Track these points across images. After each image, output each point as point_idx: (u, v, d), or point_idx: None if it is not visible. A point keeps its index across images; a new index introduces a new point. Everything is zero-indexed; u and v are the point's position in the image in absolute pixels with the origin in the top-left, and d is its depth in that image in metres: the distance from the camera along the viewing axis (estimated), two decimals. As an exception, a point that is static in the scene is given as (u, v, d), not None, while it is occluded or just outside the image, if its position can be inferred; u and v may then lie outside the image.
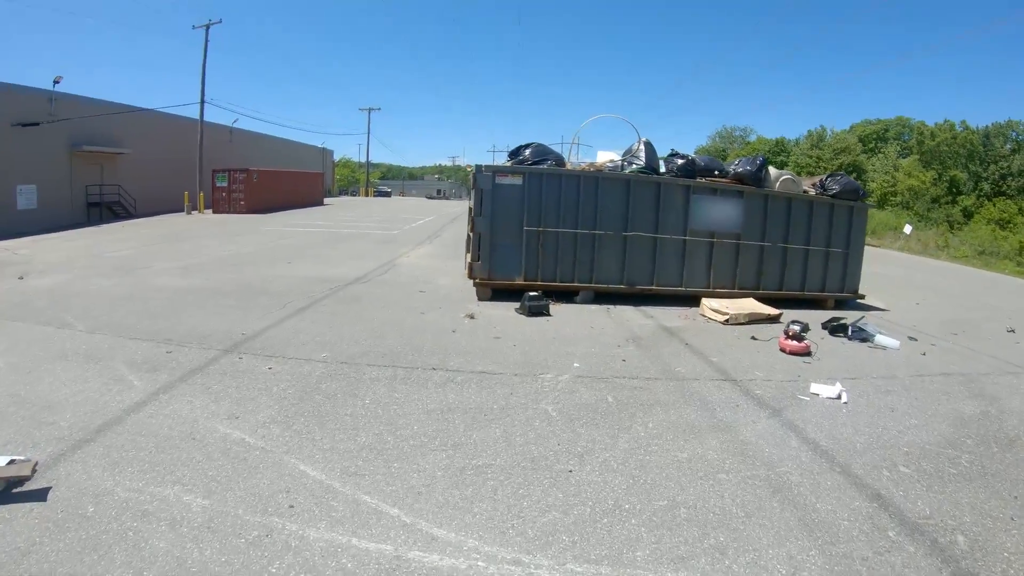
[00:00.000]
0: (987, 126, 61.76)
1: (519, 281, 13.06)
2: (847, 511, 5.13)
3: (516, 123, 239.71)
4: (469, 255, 13.81)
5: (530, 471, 5.61)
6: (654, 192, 13.10)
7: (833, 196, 14.49)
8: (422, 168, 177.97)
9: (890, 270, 27.40)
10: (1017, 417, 7.93)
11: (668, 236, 13.20)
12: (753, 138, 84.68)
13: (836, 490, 5.52)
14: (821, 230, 14.48)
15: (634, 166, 13.30)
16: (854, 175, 60.22)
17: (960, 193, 57.70)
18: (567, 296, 13.24)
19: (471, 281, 13.60)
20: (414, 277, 16.70)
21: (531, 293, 12.12)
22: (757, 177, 13.64)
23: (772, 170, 14.08)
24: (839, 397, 7.99)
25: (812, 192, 14.76)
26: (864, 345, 11.10)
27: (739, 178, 13.79)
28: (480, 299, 13.35)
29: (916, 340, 12.14)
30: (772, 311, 12.40)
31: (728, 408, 7.53)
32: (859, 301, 15.46)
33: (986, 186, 57.40)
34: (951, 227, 52.33)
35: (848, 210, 14.75)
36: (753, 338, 10.80)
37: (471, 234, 13.49)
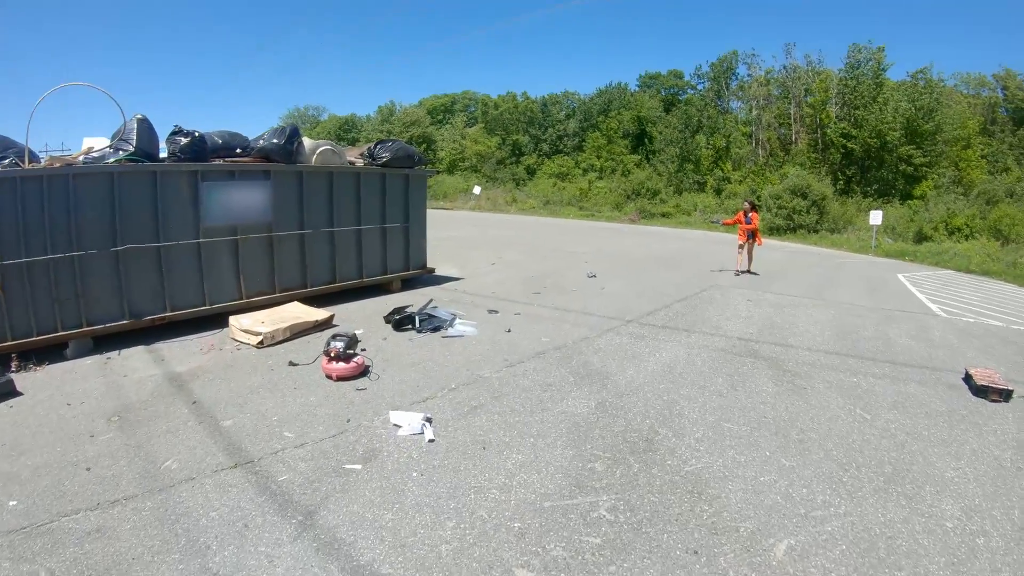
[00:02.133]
0: (544, 96, 67.17)
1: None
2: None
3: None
4: None
5: None
6: (149, 184, 9.60)
7: (384, 165, 12.80)
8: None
9: (463, 231, 27.29)
10: (639, 400, 7.01)
11: (175, 242, 9.86)
12: (325, 116, 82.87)
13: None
14: (374, 205, 12.72)
15: (121, 153, 9.56)
16: (424, 146, 61.93)
17: (523, 154, 61.92)
18: (56, 352, 8.60)
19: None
20: None
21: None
22: (287, 151, 11.19)
23: (307, 141, 11.82)
24: (422, 432, 5.99)
25: (360, 163, 12.87)
26: (438, 336, 9.52)
27: (265, 155, 11.16)
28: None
29: (497, 312, 11.18)
30: (320, 315, 10.20)
31: (230, 537, 4.23)
32: (431, 275, 14.01)
33: (545, 147, 62.24)
34: (517, 184, 56.42)
35: (404, 179, 13.22)
36: (292, 364, 8.26)
37: None
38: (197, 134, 10.22)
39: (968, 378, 8.21)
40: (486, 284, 13.87)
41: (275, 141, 10.97)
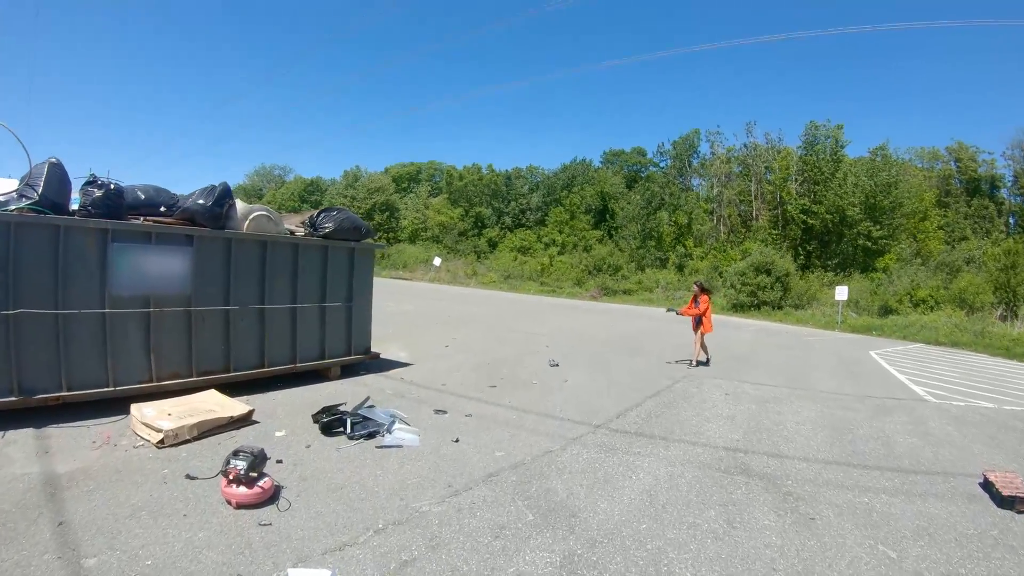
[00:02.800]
0: (509, 170, 67.66)
1: None
2: None
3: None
4: None
5: None
6: (51, 240, 7.94)
7: (326, 236, 11.24)
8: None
9: (419, 304, 25.74)
10: (617, 552, 5.43)
11: (77, 310, 8.19)
12: (291, 177, 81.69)
13: None
14: (313, 281, 11.12)
15: (24, 201, 7.94)
16: (387, 214, 61.11)
17: (485, 227, 61.14)
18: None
19: None
20: None
21: None
22: (215, 214, 9.56)
23: (240, 204, 10.25)
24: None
25: (300, 233, 11.31)
26: (372, 446, 7.83)
27: (189, 216, 9.53)
28: None
29: (445, 413, 9.54)
30: (238, 410, 8.45)
31: None
32: (376, 360, 12.38)
33: (508, 220, 62.13)
34: (478, 256, 55.20)
35: (348, 252, 11.66)
36: (190, 477, 6.46)
37: None
38: (113, 186, 8.61)
39: (987, 485, 7.29)
40: (436, 373, 12.29)
41: (201, 202, 9.41)
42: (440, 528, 5.57)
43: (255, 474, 5.91)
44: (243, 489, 5.78)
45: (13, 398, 7.65)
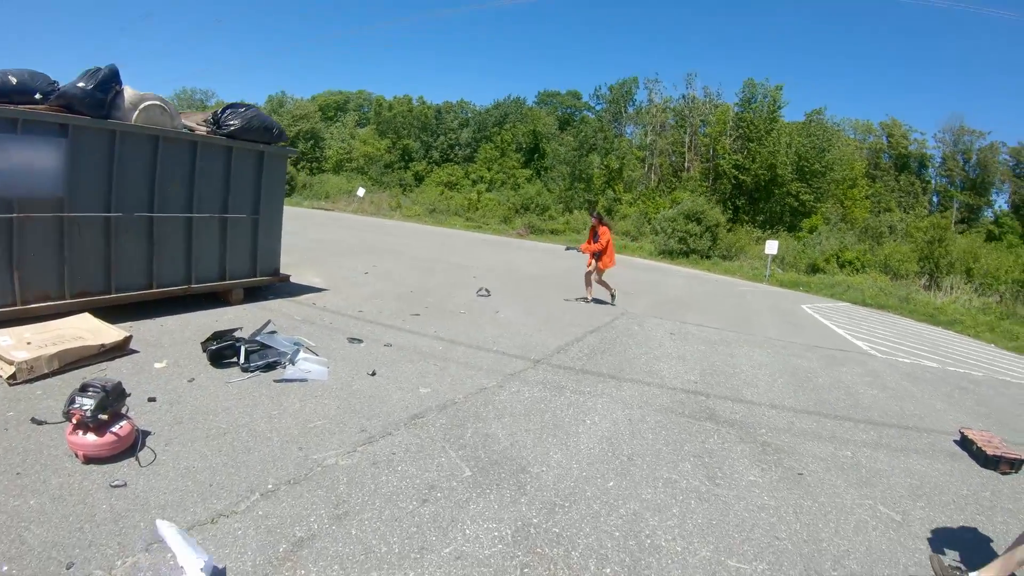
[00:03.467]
0: (440, 103, 64.49)
1: None
2: None
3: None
4: None
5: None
6: None
7: (231, 135, 9.41)
8: None
9: (339, 235, 24.00)
10: (584, 519, 4.22)
11: None
12: (213, 102, 77.12)
13: None
14: (214, 187, 9.30)
15: None
16: (312, 142, 58.31)
17: (412, 160, 58.74)
18: None
19: None
20: None
21: None
22: (97, 100, 7.63)
23: (130, 92, 8.21)
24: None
25: (203, 131, 9.44)
26: (270, 379, 6.34)
27: (66, 103, 7.56)
28: None
29: (361, 342, 8.09)
30: (111, 336, 6.80)
31: None
32: (285, 284, 10.79)
33: (436, 154, 59.60)
34: (404, 190, 53.10)
35: (257, 157, 9.87)
36: (36, 422, 4.84)
37: None
38: None
39: (965, 443, 6.92)
40: (354, 299, 10.79)
41: (81, 85, 7.54)
42: (349, 489, 4.19)
43: (105, 416, 4.35)
44: (91, 437, 4.25)
45: None
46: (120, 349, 6.80)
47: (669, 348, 9.83)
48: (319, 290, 11.36)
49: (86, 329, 6.88)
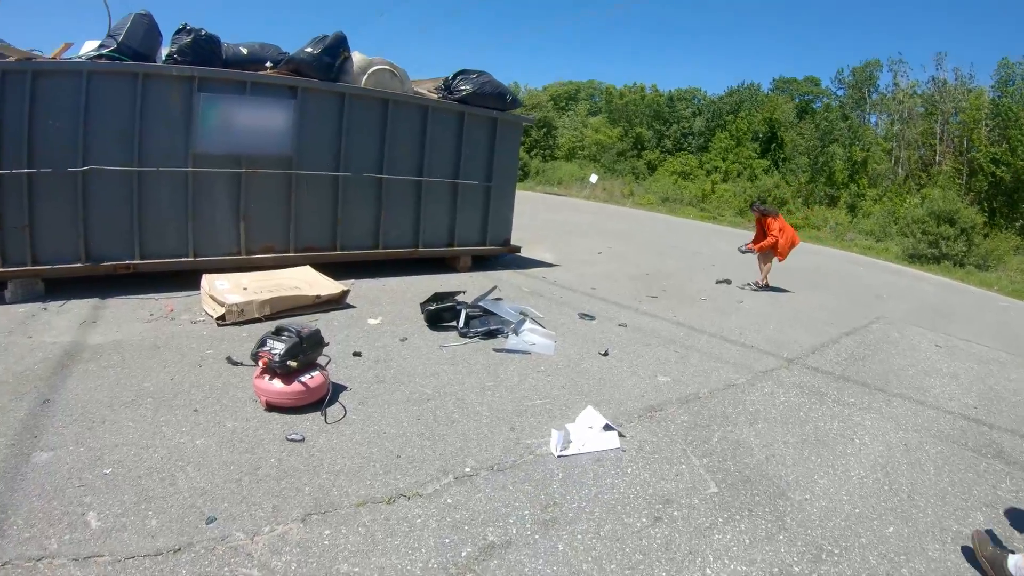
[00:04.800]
0: (671, 91, 62.10)
1: None
2: None
3: None
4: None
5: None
6: (128, 89, 6.42)
7: (462, 101, 9.12)
8: None
9: (572, 217, 23.49)
10: None
11: (155, 168, 6.65)
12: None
13: None
14: (445, 152, 9.07)
15: (105, 51, 6.54)
16: (544, 130, 58.51)
17: (644, 149, 57.41)
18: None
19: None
20: None
21: None
22: (326, 64, 7.66)
23: (359, 57, 8.25)
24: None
25: (435, 97, 9.25)
26: (490, 348, 5.85)
27: (295, 68, 7.66)
28: None
29: (593, 319, 7.46)
30: (329, 288, 6.71)
31: None
32: (515, 255, 10.40)
33: (668, 143, 57.47)
34: (636, 178, 51.92)
35: (490, 123, 9.52)
36: (232, 362, 4.79)
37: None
38: (204, 32, 7.05)
39: None
40: (586, 277, 10.17)
41: (309, 50, 7.60)
42: (564, 489, 3.48)
43: (294, 364, 3.99)
44: (277, 384, 3.97)
45: (78, 264, 6.39)
46: (337, 302, 6.69)
47: (937, 362, 8.27)
48: (550, 265, 10.87)
49: (304, 280, 6.83)
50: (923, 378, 7.25)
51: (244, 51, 7.70)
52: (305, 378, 4.04)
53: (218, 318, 5.67)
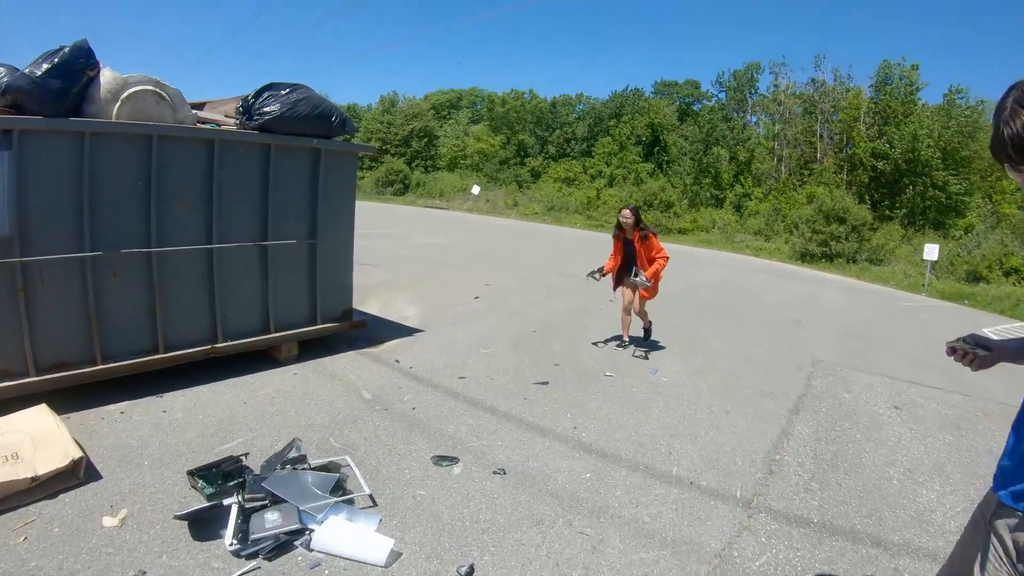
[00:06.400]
0: (555, 97, 61.08)
1: None
2: None
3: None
4: None
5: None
6: None
7: (266, 128, 6.32)
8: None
9: (451, 237, 21.07)
10: None
11: None
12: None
13: None
14: (245, 201, 6.31)
15: None
16: (425, 140, 56.28)
17: (528, 156, 55.88)
18: None
19: None
20: None
21: None
22: (57, 91, 4.91)
23: (109, 75, 5.31)
24: None
25: (232, 123, 6.53)
26: (284, 570, 3.40)
27: (14, 101, 4.85)
28: None
29: (456, 462, 4.98)
30: (53, 461, 3.96)
31: None
32: (359, 328, 7.79)
33: (552, 149, 56.06)
34: (520, 187, 50.25)
35: (310, 156, 6.81)
36: None
37: None
38: None
39: None
40: (455, 350, 7.72)
41: (29, 72, 4.87)
42: None
43: None
44: None
45: None
46: (69, 476, 4.01)
47: (910, 444, 6.19)
48: (411, 331, 8.40)
49: (25, 439, 4.09)
50: (913, 489, 5.13)
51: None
52: None
53: None
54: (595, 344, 8.87)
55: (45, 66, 4.91)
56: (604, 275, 8.55)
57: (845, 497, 4.88)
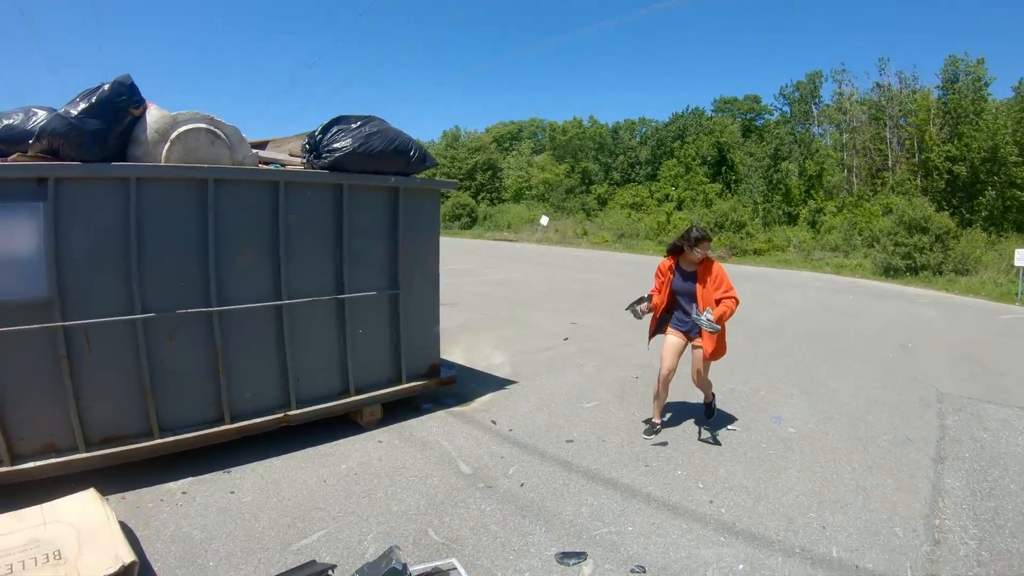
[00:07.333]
0: (616, 122, 59.99)
1: None
2: None
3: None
4: None
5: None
6: None
7: (337, 167, 5.52)
8: None
9: (525, 271, 20.18)
10: None
11: None
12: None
13: None
14: (317, 250, 5.51)
15: None
16: (490, 173, 55.75)
17: (592, 183, 54.81)
18: None
19: None
20: None
21: None
22: (97, 133, 4.24)
23: (157, 114, 4.66)
24: None
25: (297, 162, 5.78)
26: None
27: (50, 146, 4.19)
28: None
29: (584, 558, 3.97)
30: (100, 566, 3.19)
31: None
32: (447, 385, 6.86)
33: (616, 175, 54.68)
34: (588, 214, 49.20)
35: (388, 196, 5.97)
36: None
37: None
38: None
39: None
40: (554, 404, 6.75)
41: (63, 112, 4.22)
42: None
43: None
44: None
45: None
46: None
47: None
48: (501, 383, 7.46)
49: (76, 532, 3.36)
50: None
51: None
52: None
53: None
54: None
55: (82, 105, 4.25)
56: (650, 311, 6.28)
57: (1020, 565, 3.80)
